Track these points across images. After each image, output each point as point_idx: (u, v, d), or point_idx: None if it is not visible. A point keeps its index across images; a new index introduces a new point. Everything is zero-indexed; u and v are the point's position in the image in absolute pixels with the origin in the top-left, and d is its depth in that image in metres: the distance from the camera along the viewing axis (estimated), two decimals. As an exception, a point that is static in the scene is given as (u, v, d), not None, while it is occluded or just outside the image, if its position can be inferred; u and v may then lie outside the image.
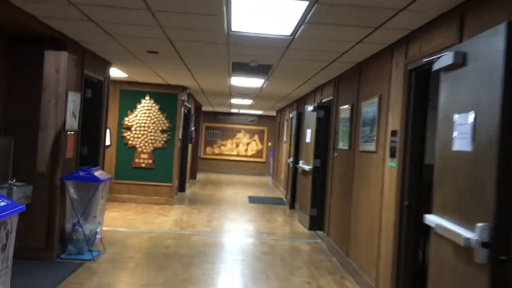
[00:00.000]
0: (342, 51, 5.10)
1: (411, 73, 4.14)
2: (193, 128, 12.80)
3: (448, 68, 3.12)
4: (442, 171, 3.07)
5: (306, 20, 3.94)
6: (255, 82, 8.61)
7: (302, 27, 4.19)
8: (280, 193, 13.40)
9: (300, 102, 10.81)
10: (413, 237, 4.13)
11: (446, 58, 3.11)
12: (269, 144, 19.64)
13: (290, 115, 11.29)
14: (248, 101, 13.09)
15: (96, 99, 6.89)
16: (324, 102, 8.15)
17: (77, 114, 5.83)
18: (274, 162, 16.86)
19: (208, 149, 19.61)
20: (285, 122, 13.58)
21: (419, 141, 4.13)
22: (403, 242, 4.14)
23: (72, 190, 5.40)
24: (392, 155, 4.39)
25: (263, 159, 19.69)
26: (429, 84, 4.15)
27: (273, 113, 17.83)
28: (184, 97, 10.10)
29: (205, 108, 17.52)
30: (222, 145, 19.64)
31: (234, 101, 13.16)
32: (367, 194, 5.11)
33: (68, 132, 5.55)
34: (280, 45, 5.01)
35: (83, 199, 5.46)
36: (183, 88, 10.00)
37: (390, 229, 4.32)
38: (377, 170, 4.82)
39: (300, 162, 9.01)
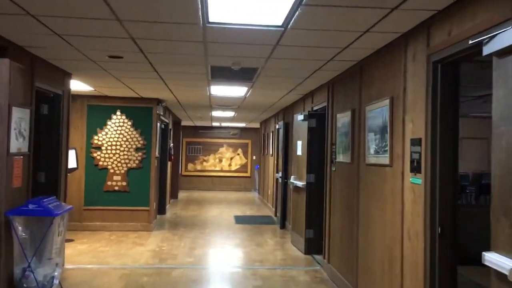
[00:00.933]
0: (343, 45, 4.25)
1: (436, 65, 3.29)
2: (172, 144, 11.84)
3: (508, 51, 2.26)
4: (506, 192, 2.21)
5: (304, 1, 3.06)
6: (238, 91, 7.72)
7: (297, 13, 3.31)
8: (269, 210, 12.47)
9: (287, 112, 9.96)
10: (451, 274, 3.25)
11: (506, 37, 2.26)
12: (254, 157, 18.74)
13: (276, 126, 10.45)
14: (230, 113, 12.20)
15: (54, 115, 5.91)
16: (316, 110, 7.30)
17: (26, 134, 4.84)
18: (260, 176, 15.94)
19: (190, 166, 18.61)
20: (271, 134, 12.71)
21: (451, 151, 3.27)
22: (436, 280, 3.25)
23: (20, 227, 4.40)
24: (415, 169, 3.52)
25: (248, 174, 18.75)
26: (459, 79, 3.31)
27: (257, 125, 16.97)
28: (159, 111, 9.16)
29: (184, 122, 16.57)
30: (204, 160, 18.67)
31: (215, 113, 12.25)
32: (381, 216, 4.23)
33: (15, 157, 4.56)
34: (268, 40, 4.13)
35: (34, 238, 4.46)
36: (158, 101, 9.06)
37: (418, 262, 3.43)
38: (394, 187, 3.94)
39: (291, 177, 8.12)
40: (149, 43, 4.36)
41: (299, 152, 7.71)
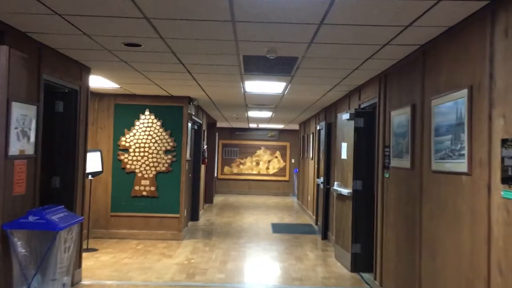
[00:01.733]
0: (406, 21, 3.39)
1: (543, 39, 2.40)
2: (205, 147, 11.18)
3: None
4: None
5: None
6: (275, 87, 6.94)
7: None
8: (308, 217, 11.61)
9: (329, 111, 9.09)
10: None
11: None
12: (292, 161, 17.90)
13: (317, 127, 9.61)
14: (267, 114, 11.43)
15: (70, 113, 5.31)
16: (363, 108, 6.42)
17: (32, 134, 4.23)
18: (299, 181, 15.10)
19: (226, 169, 17.96)
20: (311, 136, 11.85)
21: None
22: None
23: (19, 242, 3.77)
24: (509, 180, 2.63)
25: (286, 178, 17.93)
26: None
27: (296, 127, 16.13)
28: (191, 110, 8.50)
29: (220, 124, 15.94)
30: (241, 163, 17.98)
31: (252, 114, 11.51)
32: (455, 240, 3.33)
33: (16, 160, 3.94)
34: (311, 15, 3.33)
35: (36, 255, 3.82)
36: (189, 100, 8.39)
37: (515, 306, 2.54)
38: (474, 203, 3.05)
39: (335, 183, 7.25)
40: (167, 24, 3.64)
41: (343, 156, 6.85)
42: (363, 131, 6.35)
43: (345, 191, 6.53)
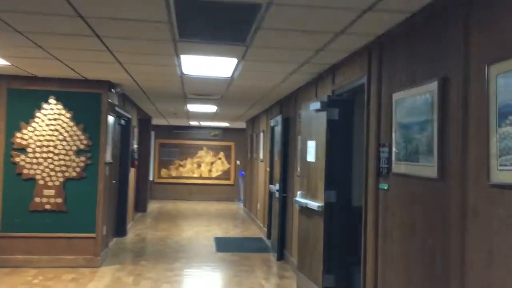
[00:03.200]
0: None
1: None
2: (135, 146, 9.28)
3: None
4: None
5: None
6: (222, 67, 5.24)
7: None
8: (258, 229, 9.99)
9: (286, 103, 7.51)
10: None
11: None
12: (238, 162, 16.25)
13: (271, 123, 8.02)
14: (211, 108, 9.70)
15: None
16: (339, 95, 4.86)
17: None
18: (245, 185, 13.46)
19: (163, 172, 16.01)
20: (261, 134, 10.25)
21: None
22: None
23: None
24: None
25: (231, 181, 16.24)
26: None
27: (242, 125, 14.50)
28: (113, 99, 6.61)
29: (157, 121, 14.00)
30: (181, 165, 16.10)
31: (192, 108, 9.73)
32: None
33: None
34: None
35: None
36: (110, 86, 6.51)
37: None
38: None
39: (298, 193, 5.65)
40: None
41: (311, 158, 5.26)
42: (338, 125, 4.79)
43: (314, 204, 4.94)
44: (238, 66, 5.13)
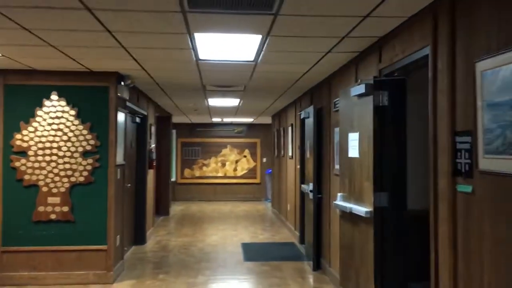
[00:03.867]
0: None
1: None
2: (152, 146, 8.55)
3: None
4: None
5: None
6: (244, 47, 4.41)
7: None
8: (288, 232, 9.15)
9: (318, 92, 6.63)
10: None
11: None
12: (264, 160, 15.42)
13: (301, 115, 7.15)
14: (233, 101, 8.89)
15: None
16: (388, 74, 3.97)
17: None
18: (273, 183, 12.62)
19: (187, 172, 15.31)
20: (289, 129, 9.39)
21: None
22: None
23: None
24: None
25: (257, 180, 15.43)
26: None
27: (267, 120, 13.66)
28: (122, 93, 5.86)
29: (177, 118, 13.29)
30: (204, 165, 15.37)
31: (213, 102, 8.94)
32: None
33: None
34: None
35: None
36: (120, 78, 5.77)
37: None
38: None
39: (338, 196, 4.77)
40: None
41: (353, 153, 4.38)
42: (388, 112, 3.92)
43: (359, 209, 4.07)
44: (262, 46, 4.29)
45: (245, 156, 15.44)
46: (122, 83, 5.87)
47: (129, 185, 7.06)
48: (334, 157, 5.58)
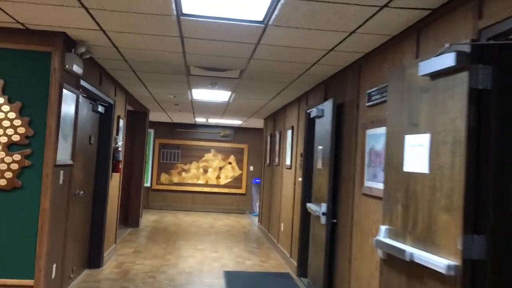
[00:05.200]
0: None
1: None
2: (119, 143, 6.83)
3: None
4: None
5: None
6: (249, 7, 2.81)
7: None
8: (281, 257, 7.52)
9: (338, 82, 5.04)
10: None
11: None
12: (251, 168, 13.78)
13: (312, 113, 5.53)
14: (223, 95, 7.26)
15: None
16: (493, 37, 2.39)
17: None
18: (262, 195, 10.98)
19: (163, 177, 13.58)
20: (288, 132, 7.78)
21: None
22: None
23: None
24: None
25: (242, 190, 13.77)
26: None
27: (258, 124, 12.05)
28: (72, 63, 4.17)
29: (156, 116, 11.60)
30: (184, 170, 13.66)
31: (199, 94, 7.30)
32: None
33: None
34: None
35: None
36: (69, 42, 4.09)
37: None
38: None
39: (382, 230, 3.13)
40: None
41: (416, 167, 2.78)
42: (493, 100, 2.35)
43: (432, 259, 2.47)
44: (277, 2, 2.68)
45: (230, 163, 13.79)
46: (73, 50, 4.20)
47: (81, 192, 5.36)
48: (365, 170, 3.99)
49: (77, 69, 4.29)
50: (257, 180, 13.02)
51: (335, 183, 4.76)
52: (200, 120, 12.18)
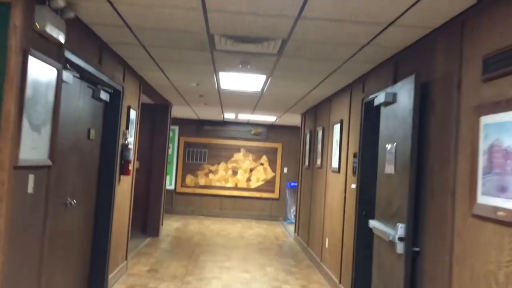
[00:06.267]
0: None
1: None
2: (129, 140, 5.57)
3: None
4: None
5: None
6: None
7: None
8: (325, 280, 6.12)
9: (410, 61, 3.62)
10: None
11: None
12: (285, 170, 12.42)
13: (377, 99, 4.12)
14: (257, 81, 5.93)
15: None
16: None
17: None
18: (299, 201, 9.60)
19: (189, 179, 12.37)
20: (335, 128, 6.38)
21: None
22: None
23: None
24: None
25: (275, 195, 12.42)
26: None
27: (293, 120, 10.68)
28: (45, 22, 2.91)
29: (181, 112, 10.37)
30: (211, 171, 12.42)
31: (226, 80, 6.00)
32: None
33: None
34: None
35: None
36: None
37: None
38: None
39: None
40: None
41: None
42: None
43: None
44: None
45: (262, 164, 12.46)
46: (47, 2, 2.94)
47: (74, 202, 4.11)
48: (478, 179, 2.57)
49: (55, 32, 3.04)
50: (292, 184, 11.65)
51: (418, 197, 3.35)
52: (229, 116, 10.91)
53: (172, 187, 12.18)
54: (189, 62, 5.00)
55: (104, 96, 4.78)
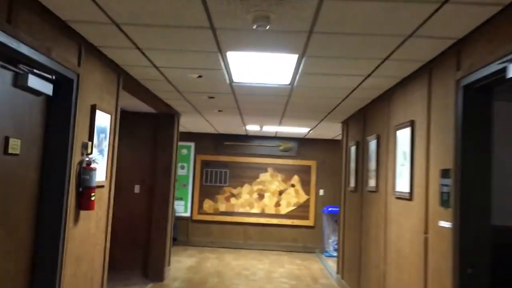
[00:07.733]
0: None
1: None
2: (91, 157, 3.71)
3: None
4: None
5: None
6: None
7: None
8: None
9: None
10: None
11: None
12: (321, 192, 10.40)
13: (508, 71, 2.23)
14: (287, 61, 4.02)
15: None
16: None
17: None
18: (341, 230, 7.52)
19: (207, 204, 10.48)
20: (399, 135, 4.38)
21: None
22: None
23: None
24: None
25: (310, 222, 10.38)
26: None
27: (329, 133, 8.70)
28: None
29: (195, 125, 8.53)
30: (233, 195, 10.51)
31: (239, 65, 4.12)
32: None
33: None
34: None
35: None
36: None
37: None
38: None
39: None
40: None
41: None
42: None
43: None
44: None
45: (293, 186, 10.47)
46: None
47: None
48: None
49: None
50: (330, 209, 9.61)
51: None
52: (252, 128, 9.03)
53: (188, 214, 10.35)
54: (196, 49, 3.15)
55: (38, 85, 2.97)
